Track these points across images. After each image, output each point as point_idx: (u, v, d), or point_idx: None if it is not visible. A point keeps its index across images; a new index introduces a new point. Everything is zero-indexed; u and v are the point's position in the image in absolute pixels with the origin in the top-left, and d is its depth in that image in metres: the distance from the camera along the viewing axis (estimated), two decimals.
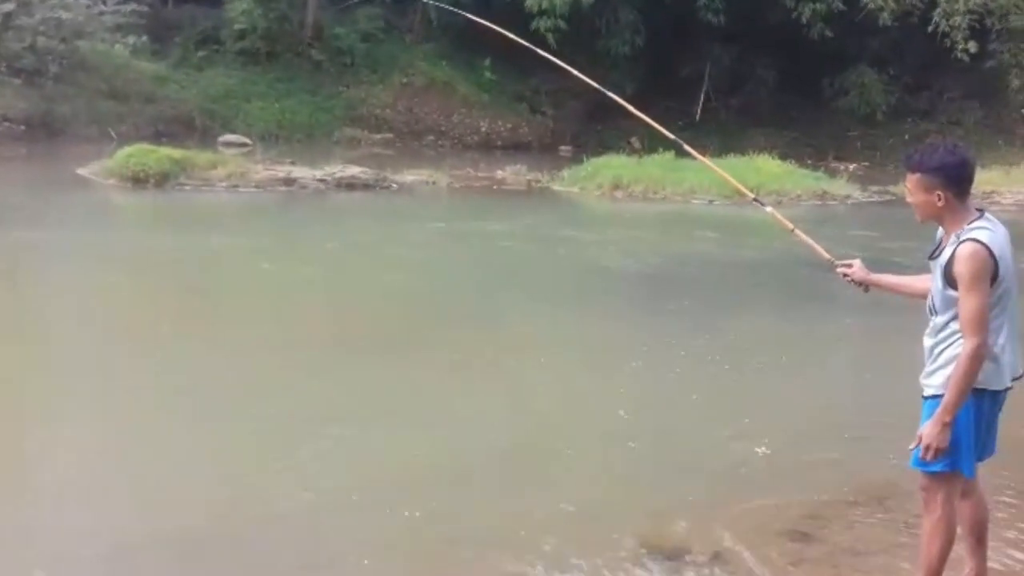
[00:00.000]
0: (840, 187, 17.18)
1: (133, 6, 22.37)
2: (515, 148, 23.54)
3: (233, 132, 21.42)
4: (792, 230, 3.94)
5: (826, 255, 3.77)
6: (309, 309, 8.14)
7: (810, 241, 3.86)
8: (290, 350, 6.64)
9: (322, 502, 4.27)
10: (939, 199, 3.19)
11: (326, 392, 5.81)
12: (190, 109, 22.05)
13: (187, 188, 14.29)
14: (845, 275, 3.66)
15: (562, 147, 24.13)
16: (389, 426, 5.27)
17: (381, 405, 5.66)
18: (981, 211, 3.24)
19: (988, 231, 3.16)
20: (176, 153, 14.99)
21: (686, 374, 6.50)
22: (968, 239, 3.13)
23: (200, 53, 23.66)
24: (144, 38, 22.35)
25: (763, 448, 5.06)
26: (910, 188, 3.28)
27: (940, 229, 3.30)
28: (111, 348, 6.59)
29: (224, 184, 14.50)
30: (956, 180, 3.19)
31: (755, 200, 4.21)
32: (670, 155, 18.02)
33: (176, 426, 5.17)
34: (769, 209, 4.10)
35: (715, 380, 6.40)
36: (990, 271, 3.11)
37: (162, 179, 14.26)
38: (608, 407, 5.77)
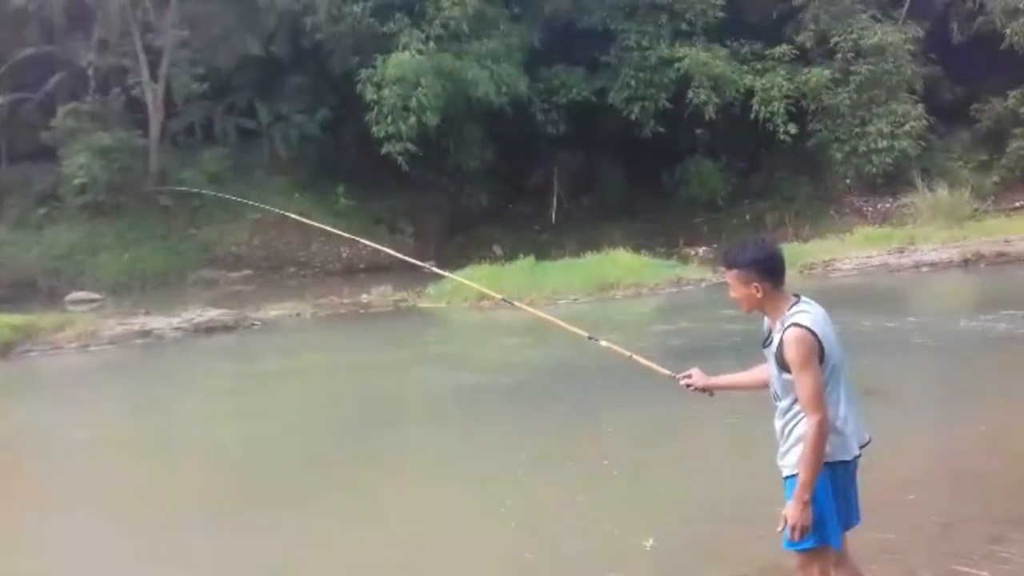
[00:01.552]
0: (693, 271, 17.91)
1: None
2: (378, 269, 23.50)
3: (81, 289, 20.60)
4: (630, 356, 4.12)
5: (666, 372, 3.95)
6: (178, 473, 7.69)
7: (648, 363, 4.05)
8: (168, 519, 6.26)
9: None
10: (757, 291, 3.40)
11: (211, 558, 5.47)
12: (32, 271, 21.17)
13: (34, 354, 13.52)
14: (688, 385, 3.84)
15: (426, 263, 24.29)
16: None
17: (279, 557, 5.39)
18: (798, 296, 3.45)
19: (808, 314, 3.35)
20: (17, 319, 14.23)
21: (568, 477, 6.49)
22: (791, 324, 3.31)
23: (40, 211, 22.86)
24: None
25: (650, 541, 5.08)
26: (731, 283, 3.48)
27: (766, 318, 3.47)
28: None
29: (74, 345, 13.80)
30: (769, 272, 3.41)
31: (590, 338, 4.33)
32: (531, 260, 18.50)
33: None
34: (604, 343, 4.27)
35: (596, 479, 6.41)
36: (816, 351, 3.29)
37: (5, 348, 13.46)
38: (497, 522, 5.68)
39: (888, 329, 11.32)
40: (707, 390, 3.83)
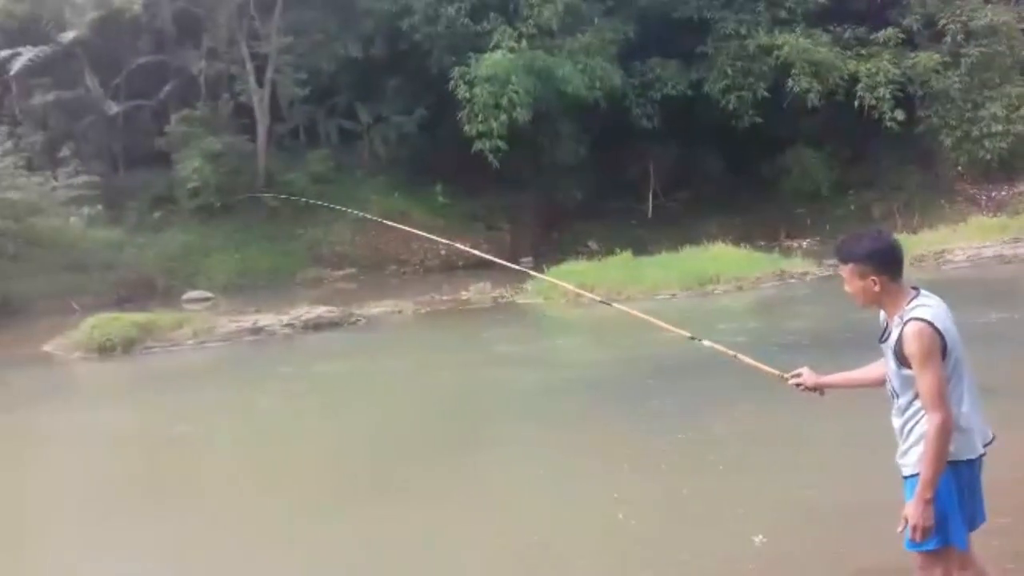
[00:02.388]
0: (797, 265, 17.52)
1: (84, 177, 22.74)
2: (477, 266, 23.70)
3: (195, 288, 21.48)
4: (735, 356, 4.05)
5: (774, 371, 3.87)
6: (297, 458, 8.03)
7: (755, 363, 3.96)
8: (283, 501, 6.56)
9: None
10: (874, 284, 3.32)
11: (326, 544, 5.71)
12: (150, 271, 22.15)
13: (155, 351, 14.20)
14: (798, 385, 3.75)
15: (522, 259, 24.41)
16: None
17: (380, 551, 5.59)
18: (917, 289, 3.36)
19: (929, 308, 3.27)
20: (140, 317, 14.96)
21: (672, 473, 6.50)
22: (912, 319, 3.23)
23: (155, 214, 23.95)
24: (99, 207, 22.62)
25: (759, 537, 5.05)
26: (846, 278, 3.40)
27: (882, 312, 3.41)
28: (99, 519, 6.43)
29: (191, 342, 14.44)
30: (887, 264, 3.32)
31: (692, 338, 4.28)
32: (628, 255, 18.41)
33: None
34: (707, 343, 4.21)
35: (702, 475, 6.40)
36: (938, 346, 3.21)
37: (128, 345, 14.18)
38: (606, 515, 5.76)
39: (1004, 323, 10.88)
40: (818, 389, 3.73)
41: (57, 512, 7.03)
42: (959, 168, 24.64)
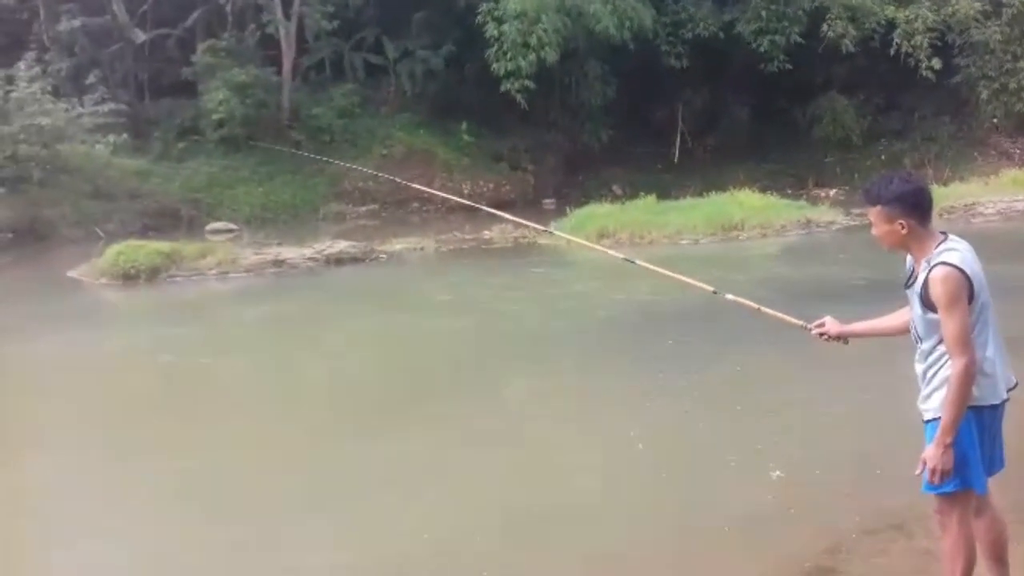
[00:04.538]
0: (824, 213, 17.34)
1: (111, 105, 22.69)
2: (499, 206, 23.57)
3: (219, 219, 21.57)
4: (758, 309, 4.02)
5: (797, 322, 3.85)
6: (315, 387, 8.14)
7: (779, 314, 3.93)
8: (297, 427, 6.67)
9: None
10: (902, 227, 3.28)
11: (353, 466, 5.86)
12: (175, 201, 22.24)
13: (178, 280, 14.34)
14: (821, 334, 3.73)
15: (545, 201, 24.35)
16: (414, 496, 5.32)
17: (400, 477, 5.70)
18: (945, 234, 3.32)
19: (956, 252, 3.23)
20: (164, 246, 15.07)
21: (689, 410, 6.58)
22: (939, 263, 3.20)
23: (180, 145, 23.94)
24: (124, 135, 22.63)
25: (776, 472, 5.11)
26: (873, 221, 3.36)
27: (909, 257, 3.38)
28: (122, 444, 6.58)
29: (215, 272, 14.56)
30: (915, 207, 3.28)
31: (715, 292, 4.23)
32: (652, 199, 18.26)
33: (197, 517, 5.17)
34: (730, 297, 4.17)
35: (718, 413, 6.46)
36: (966, 291, 3.18)
37: (153, 273, 14.32)
38: (624, 447, 5.87)
39: None
40: (841, 338, 3.71)
41: (75, 430, 7.18)
42: (994, 120, 24.13)
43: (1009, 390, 3.34)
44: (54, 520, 5.36)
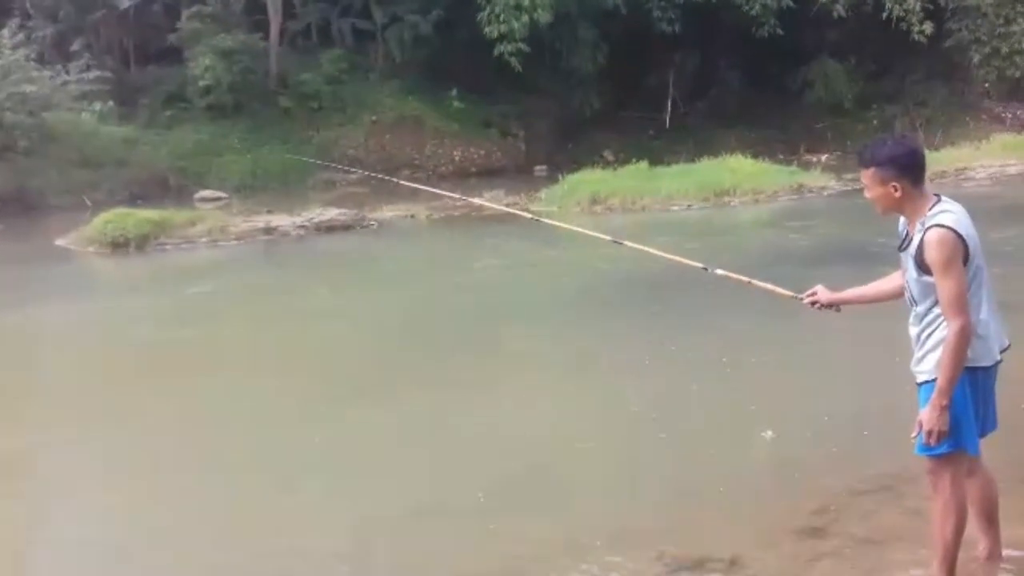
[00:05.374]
0: (816, 179, 17.31)
1: (96, 73, 22.44)
2: (490, 173, 23.63)
3: (208, 187, 21.43)
4: (748, 282, 4.01)
5: (788, 293, 3.84)
6: (318, 353, 8.12)
7: (768, 286, 3.92)
8: (292, 394, 6.69)
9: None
10: (895, 190, 3.27)
11: (350, 429, 5.89)
12: (163, 169, 22.07)
13: (168, 248, 14.26)
14: (813, 303, 3.73)
15: (536, 167, 24.24)
16: (410, 457, 5.35)
17: (394, 439, 5.72)
18: (938, 196, 3.31)
19: (951, 214, 3.23)
20: (153, 214, 14.97)
21: (682, 371, 6.63)
22: (933, 225, 3.20)
23: (167, 112, 23.71)
24: (110, 103, 22.40)
25: (769, 433, 5.16)
26: (866, 183, 3.35)
27: (902, 220, 3.37)
28: (109, 413, 6.56)
29: (205, 240, 14.48)
30: (909, 169, 3.27)
31: (705, 268, 4.22)
32: (644, 165, 18.19)
33: (194, 485, 5.20)
34: (720, 272, 4.16)
35: (712, 375, 6.50)
36: (960, 252, 3.18)
37: (142, 241, 14.23)
38: (618, 408, 5.95)
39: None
40: (833, 306, 3.71)
41: (61, 400, 7.16)
42: (986, 85, 24.07)
43: (1002, 351, 3.35)
44: (43, 493, 5.37)
